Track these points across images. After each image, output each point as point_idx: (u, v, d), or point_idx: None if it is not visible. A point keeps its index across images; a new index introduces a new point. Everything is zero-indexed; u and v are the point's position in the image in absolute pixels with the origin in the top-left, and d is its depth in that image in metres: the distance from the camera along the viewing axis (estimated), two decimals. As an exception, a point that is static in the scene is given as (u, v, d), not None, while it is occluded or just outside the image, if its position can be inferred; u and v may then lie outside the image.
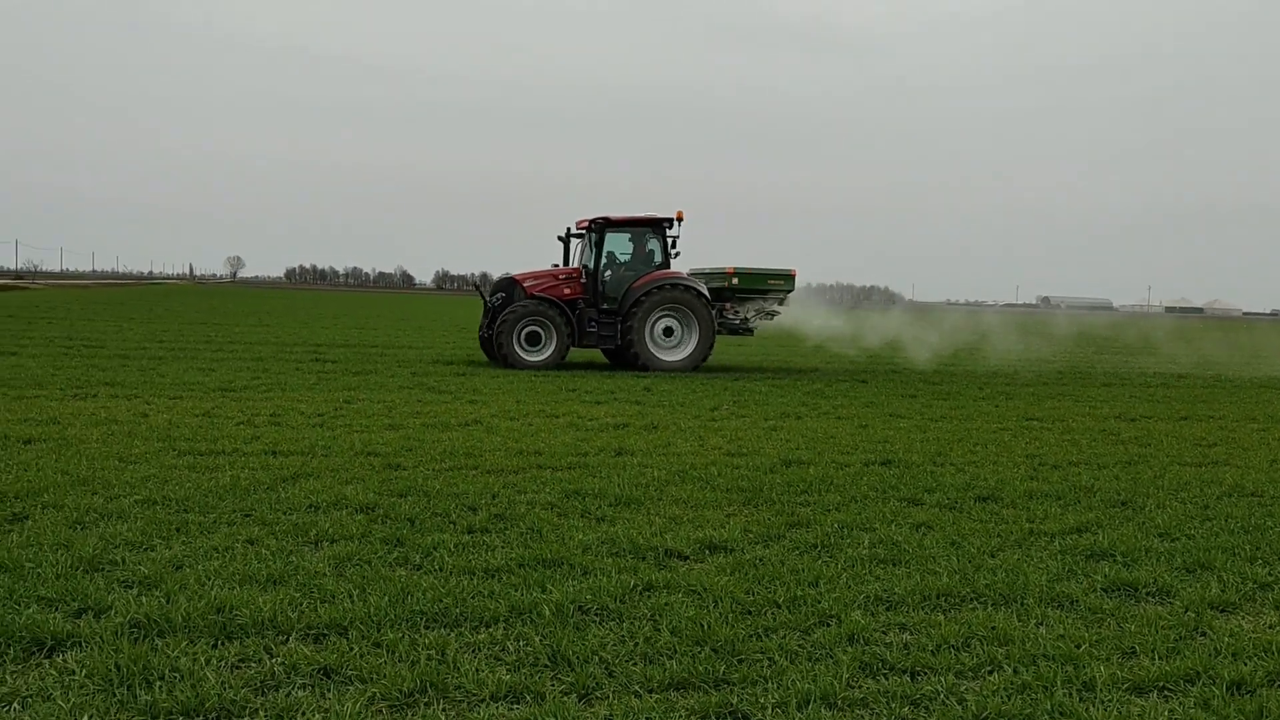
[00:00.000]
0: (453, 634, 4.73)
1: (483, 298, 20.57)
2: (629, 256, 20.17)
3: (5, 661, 4.21)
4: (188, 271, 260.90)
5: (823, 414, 13.46)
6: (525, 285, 19.63)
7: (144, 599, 4.93)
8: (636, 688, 4.25)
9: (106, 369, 15.78)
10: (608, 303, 19.73)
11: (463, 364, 19.42)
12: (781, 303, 20.86)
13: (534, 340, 19.22)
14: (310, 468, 8.37)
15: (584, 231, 20.06)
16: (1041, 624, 5.20)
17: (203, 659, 4.30)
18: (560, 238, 20.36)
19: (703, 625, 4.91)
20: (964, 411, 14.21)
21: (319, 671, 4.25)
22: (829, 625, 5.04)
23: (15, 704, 3.85)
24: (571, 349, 19.48)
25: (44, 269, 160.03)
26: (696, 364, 19.66)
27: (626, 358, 19.48)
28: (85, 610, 4.78)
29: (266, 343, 23.68)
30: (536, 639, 4.67)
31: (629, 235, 20.15)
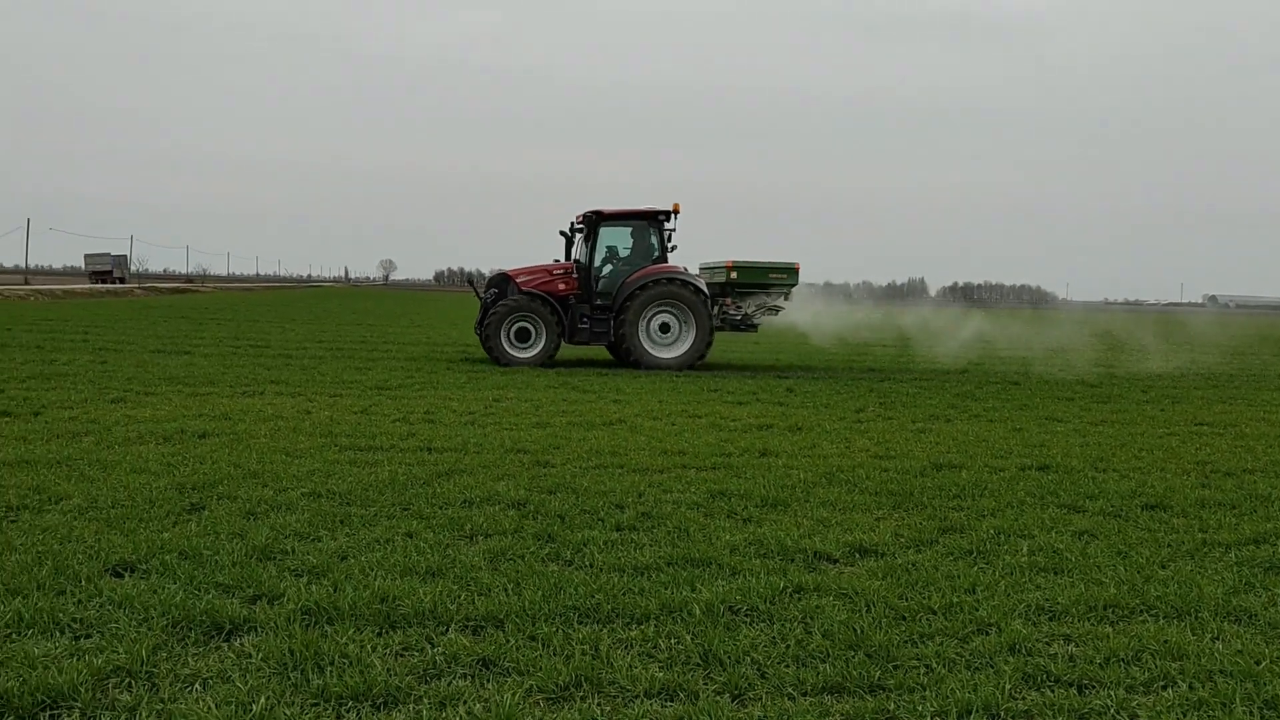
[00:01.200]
0: (605, 630, 4.79)
1: (477, 294, 20.29)
2: (624, 250, 19.68)
3: (187, 644, 4.46)
4: (343, 274, 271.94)
5: (973, 417, 13.06)
6: (518, 281, 19.22)
7: (313, 587, 5.16)
8: (790, 690, 4.21)
9: (271, 368, 16.59)
10: (601, 298, 19.26)
11: (605, 365, 19.63)
12: (786, 297, 20.07)
13: (524, 336, 18.85)
14: (463, 464, 8.60)
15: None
16: (1218, 639, 4.92)
17: (369, 646, 4.46)
18: (563, 232, 19.74)
19: (855, 629, 4.83)
20: (1126, 416, 13.56)
21: (478, 662, 4.36)
22: (988, 634, 4.88)
23: (197, 684, 4.07)
24: (565, 346, 19.20)
25: (212, 273, 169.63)
26: (692, 362, 18.98)
27: (621, 354, 19.10)
28: (260, 597, 5.03)
29: (418, 343, 24.46)
30: (688, 637, 4.68)
31: (624, 229, 19.64)
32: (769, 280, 19.68)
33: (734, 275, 19.54)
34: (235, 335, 25.06)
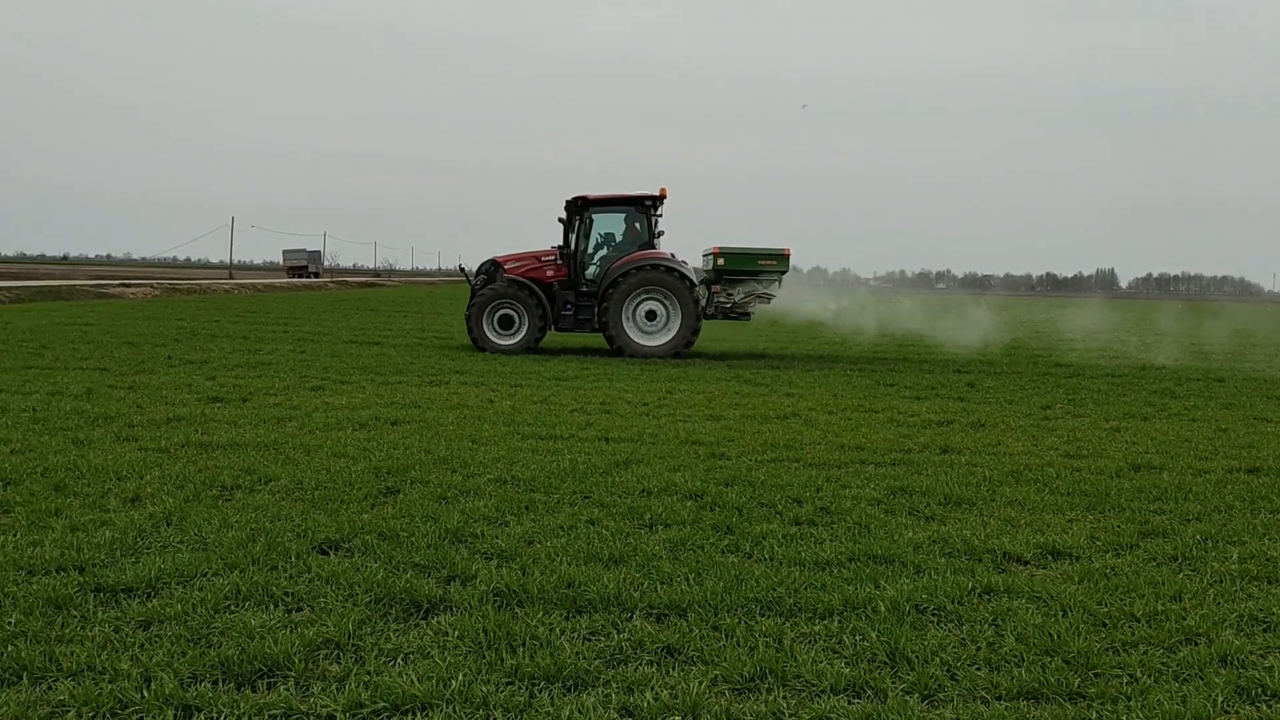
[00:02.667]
0: (788, 623, 4.76)
1: (468, 281, 20.19)
2: (609, 237, 19.34)
3: (389, 620, 4.69)
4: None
5: (1173, 415, 12.33)
6: (506, 268, 19.15)
7: (503, 570, 5.34)
8: (982, 693, 4.08)
9: (455, 358, 17.23)
10: (587, 285, 19.02)
11: (777, 357, 19.50)
12: (778, 285, 19.42)
13: (507, 323, 18.79)
14: (640, 454, 8.71)
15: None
16: None
17: (557, 629, 4.59)
18: (561, 219, 19.34)
19: (1051, 634, 4.64)
20: (1347, 416, 12.52)
21: (663, 649, 4.42)
22: (1196, 644, 4.61)
23: (400, 659, 4.28)
24: (552, 333, 19.12)
25: (398, 267, 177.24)
26: (677, 350, 18.56)
27: (606, 341, 18.76)
28: (453, 578, 5.24)
29: (593, 335, 24.89)
30: (873, 635, 4.61)
31: (609, 215, 19.30)
32: (759, 267, 19.15)
33: (721, 262, 19.13)
34: (420, 327, 26.11)
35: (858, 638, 4.60)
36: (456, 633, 4.50)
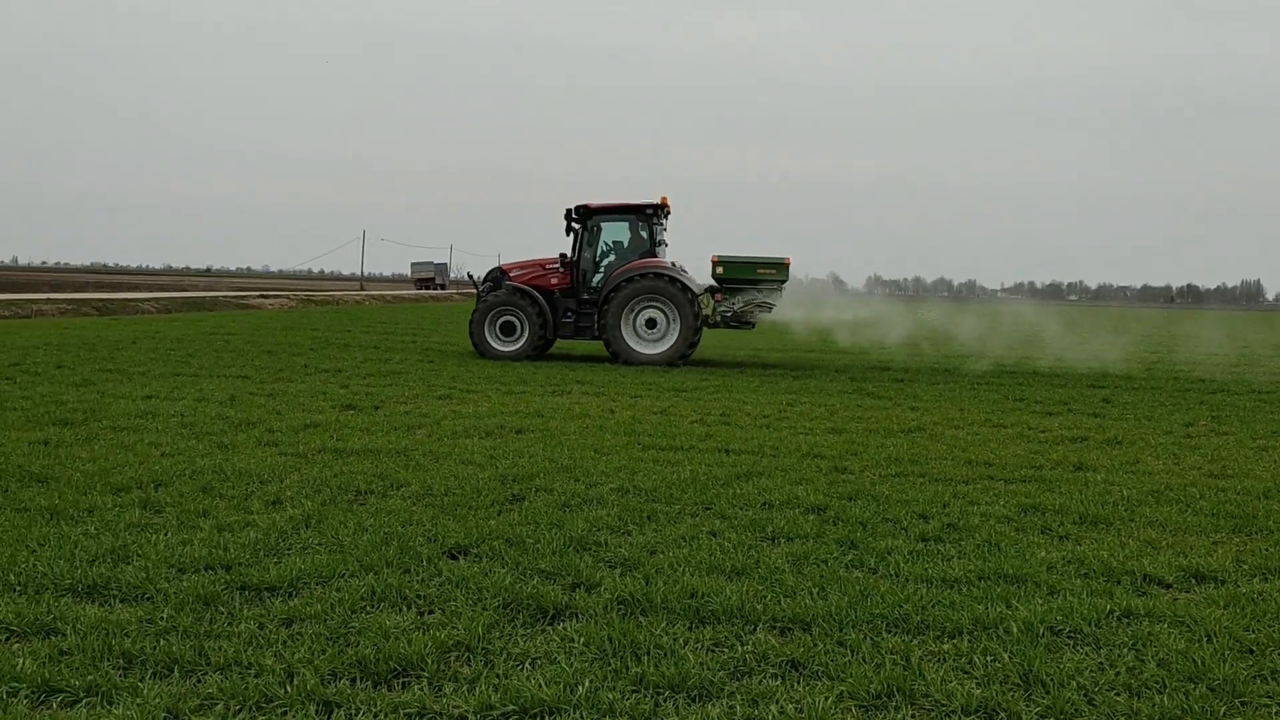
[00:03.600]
0: (915, 641, 4.68)
1: (476, 289, 20.39)
2: (611, 245, 19.39)
3: (517, 624, 4.79)
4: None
5: (1327, 434, 11.65)
6: (511, 275, 19.51)
7: (626, 579, 5.39)
8: (1121, 719, 3.94)
9: (576, 369, 17.46)
10: (589, 292, 19.14)
11: (900, 370, 19.16)
12: (778, 293, 19.12)
13: (509, 330, 19.04)
14: (761, 466, 8.68)
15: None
16: None
17: (681, 639, 4.61)
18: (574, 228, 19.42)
19: (1195, 660, 4.44)
20: None
21: (787, 663, 4.39)
22: (1356, 677, 4.35)
23: (527, 663, 4.36)
24: (558, 340, 19.48)
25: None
26: (674, 359, 18.44)
27: (606, 348, 18.84)
28: (578, 585, 5.32)
29: (709, 346, 24.91)
30: (1005, 656, 4.49)
31: (613, 223, 19.39)
32: (757, 276, 19.02)
33: (720, 270, 19.07)
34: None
35: (989, 658, 4.49)
36: (582, 639, 4.56)
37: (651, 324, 18.71)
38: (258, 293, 53.96)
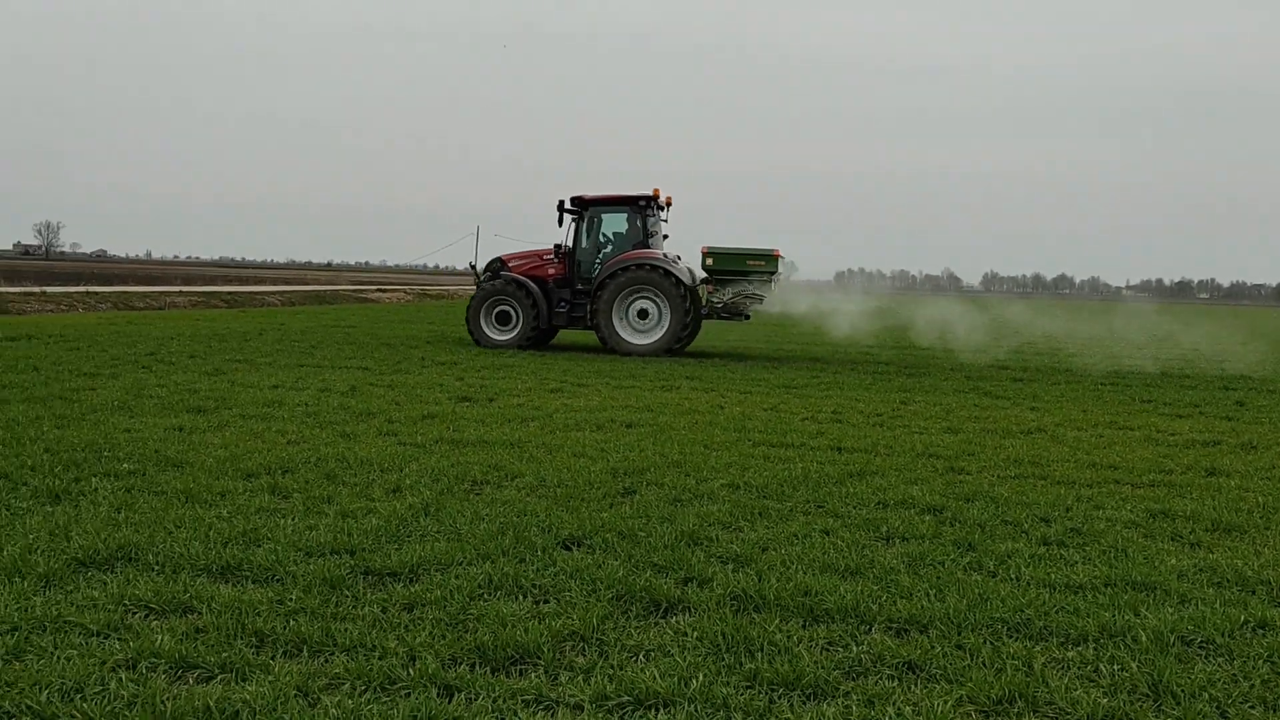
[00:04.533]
0: (1038, 647, 4.55)
1: (476, 278, 20.67)
2: (605, 236, 19.67)
3: (630, 616, 4.82)
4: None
5: None
6: (510, 265, 19.97)
7: (739, 575, 5.37)
8: (1260, 736, 3.77)
9: (685, 364, 17.48)
10: (583, 283, 19.47)
11: (1019, 369, 18.64)
12: (768, 284, 19.15)
13: (504, 319, 19.52)
14: (874, 465, 8.55)
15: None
16: None
17: (795, 637, 4.58)
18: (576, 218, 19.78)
19: (1341, 678, 4.22)
20: None
21: (903, 665, 4.32)
22: None
23: (641, 655, 4.39)
24: (558, 331, 20.06)
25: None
26: (663, 349, 18.72)
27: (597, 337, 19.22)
28: (690, 579, 5.33)
29: (820, 343, 24.66)
30: (1133, 665, 4.33)
31: (605, 215, 19.65)
32: (747, 267, 19.11)
33: (710, 262, 19.19)
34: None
35: (1116, 667, 4.34)
36: (695, 633, 4.57)
37: (643, 314, 19.02)
38: (376, 286, 55.48)
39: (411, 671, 4.08)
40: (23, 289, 31.51)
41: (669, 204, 20.13)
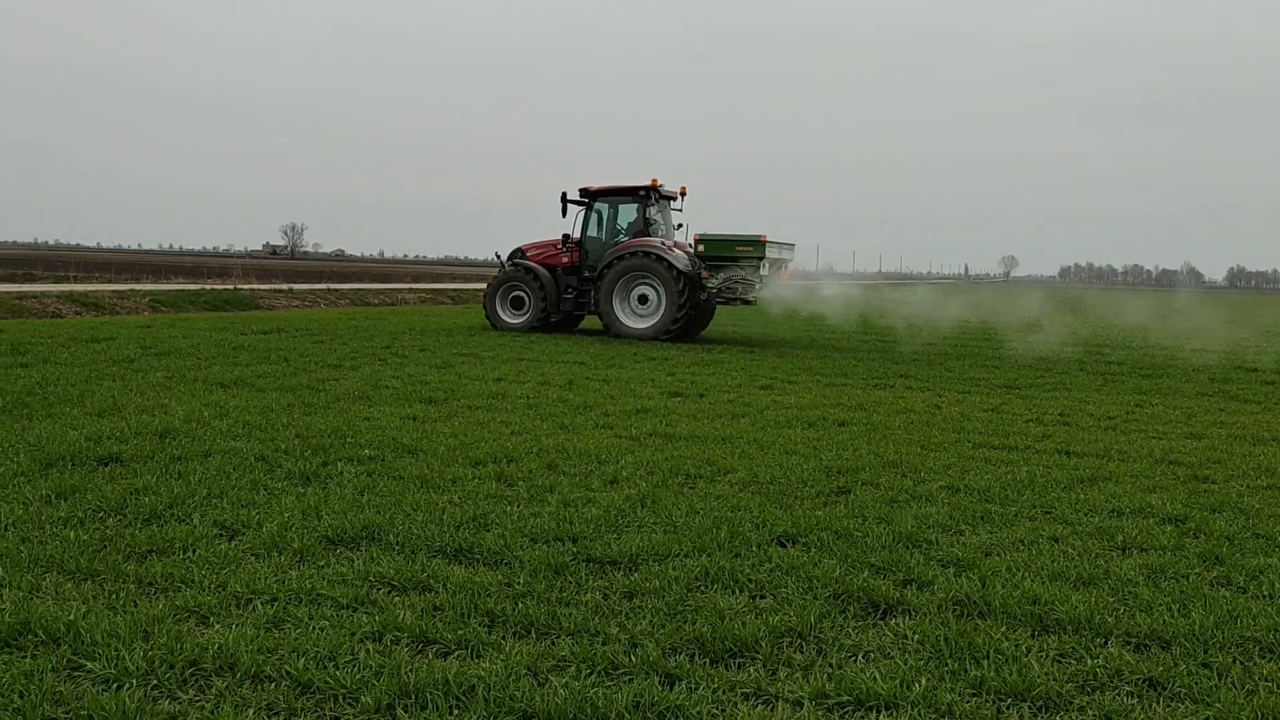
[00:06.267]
0: (1297, 671, 4.21)
1: (501, 266, 21.73)
2: (609, 225, 20.86)
3: (848, 616, 4.77)
4: (962, 271, 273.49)
5: None
6: (527, 254, 21.40)
7: (961, 580, 5.22)
8: None
9: (900, 362, 17.08)
10: (589, 270, 20.64)
11: (1271, 371, 17.17)
12: (759, 270, 19.67)
13: (519, 304, 21.00)
14: (1106, 471, 8.10)
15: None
16: None
17: (1023, 646, 4.41)
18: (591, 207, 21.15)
19: None
20: None
21: (1144, 681, 4.09)
22: None
23: (860, 656, 4.34)
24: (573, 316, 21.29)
25: (837, 270, 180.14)
26: (659, 333, 19.68)
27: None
28: (910, 582, 5.22)
29: (1043, 342, 23.52)
30: None
31: (610, 205, 20.90)
32: (736, 253, 19.75)
33: (702, 248, 19.88)
34: (862, 329, 26.16)
35: (1391, 699, 3.95)
36: (916, 637, 4.48)
37: (643, 300, 20.08)
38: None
39: (633, 658, 4.18)
40: (272, 286, 34.22)
41: (683, 194, 21.39)
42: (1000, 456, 8.69)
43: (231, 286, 31.34)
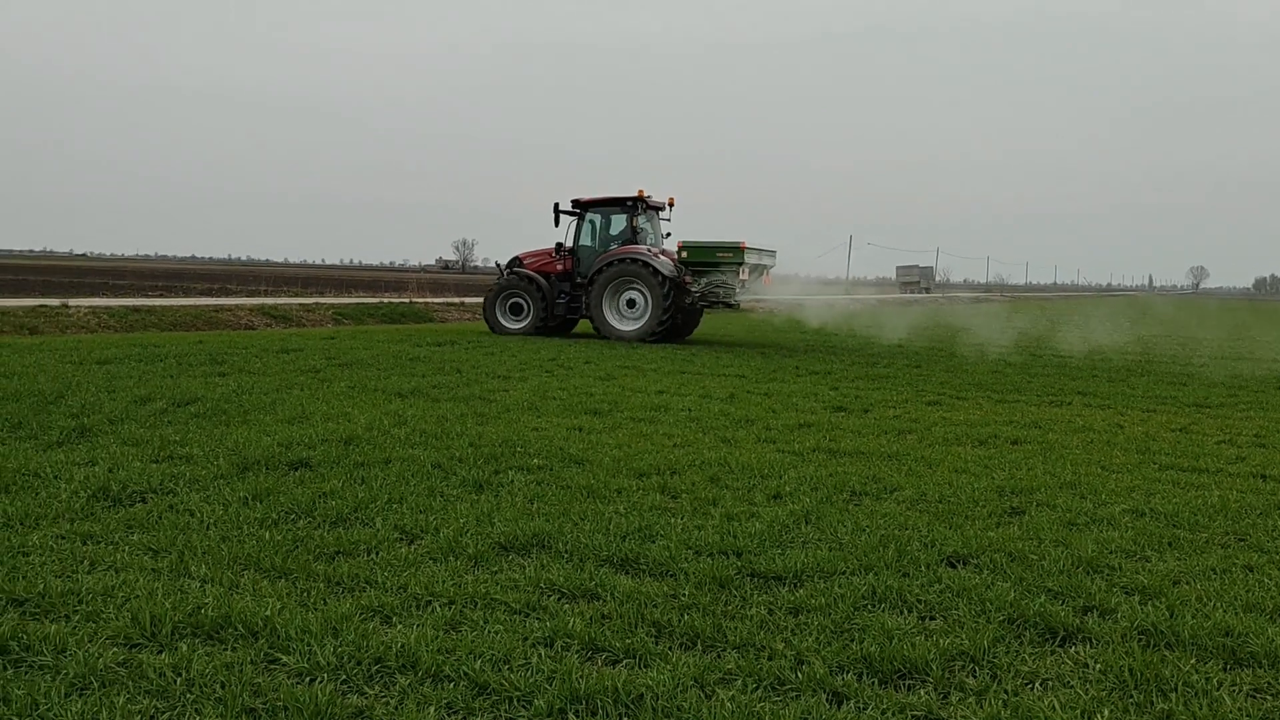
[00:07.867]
0: None
1: (500, 274, 22.86)
2: (600, 234, 22.00)
3: (1023, 642, 4.61)
4: (1147, 283, 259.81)
5: None
6: (525, 262, 22.58)
7: (1146, 608, 4.98)
8: None
9: (1077, 378, 16.37)
10: (580, 277, 21.80)
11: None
12: (739, 275, 20.44)
13: (517, 310, 22.14)
14: (1309, 497, 7.56)
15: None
16: None
17: (1215, 680, 4.17)
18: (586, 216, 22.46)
19: None
20: None
21: (1354, 726, 3.81)
22: None
23: (1036, 684, 4.19)
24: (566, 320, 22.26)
25: (1010, 282, 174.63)
26: (645, 335, 20.72)
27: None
28: (1090, 609, 5.01)
29: (1238, 357, 22.09)
30: None
31: (603, 215, 22.04)
32: (717, 259, 20.60)
33: (684, 255, 20.83)
34: (1036, 342, 25.18)
35: None
36: (1098, 666, 4.30)
37: (631, 304, 21.22)
38: (754, 296, 56.70)
39: (800, 675, 4.17)
40: (445, 300, 35.55)
41: (671, 205, 22.68)
42: (1189, 479, 8.23)
43: (407, 300, 32.74)
